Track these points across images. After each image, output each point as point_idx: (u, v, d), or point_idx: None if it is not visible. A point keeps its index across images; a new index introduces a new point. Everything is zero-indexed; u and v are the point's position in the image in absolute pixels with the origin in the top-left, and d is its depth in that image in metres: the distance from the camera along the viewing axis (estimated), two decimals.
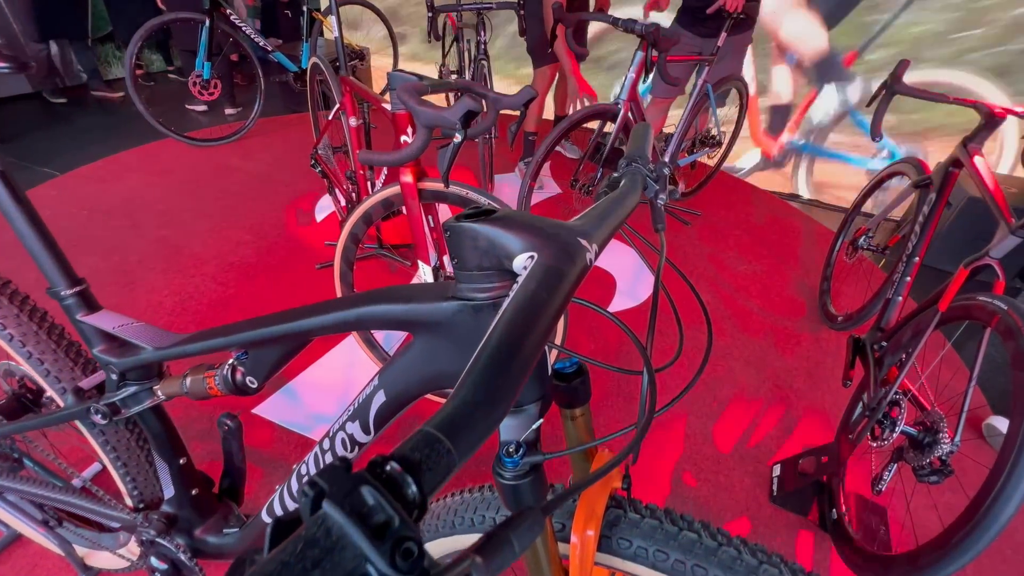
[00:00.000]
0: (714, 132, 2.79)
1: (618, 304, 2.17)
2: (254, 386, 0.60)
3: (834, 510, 1.39)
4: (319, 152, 2.04)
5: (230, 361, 0.62)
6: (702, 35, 2.47)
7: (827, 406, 1.79)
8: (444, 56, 3.49)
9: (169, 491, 0.79)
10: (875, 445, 1.27)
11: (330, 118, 1.84)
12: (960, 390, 1.30)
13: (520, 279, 0.33)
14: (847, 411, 1.55)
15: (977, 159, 1.46)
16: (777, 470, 1.53)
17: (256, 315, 0.56)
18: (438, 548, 0.62)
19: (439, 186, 1.30)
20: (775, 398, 1.80)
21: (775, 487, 1.49)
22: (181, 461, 0.78)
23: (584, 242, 0.38)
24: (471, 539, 0.59)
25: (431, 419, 0.22)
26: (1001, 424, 1.64)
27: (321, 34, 3.90)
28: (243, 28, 3.06)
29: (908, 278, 1.60)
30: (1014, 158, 3.08)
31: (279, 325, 0.53)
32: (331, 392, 1.64)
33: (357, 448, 0.57)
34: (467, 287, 0.42)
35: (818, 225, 3.09)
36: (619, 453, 0.35)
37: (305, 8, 3.28)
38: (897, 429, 1.20)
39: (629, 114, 2.11)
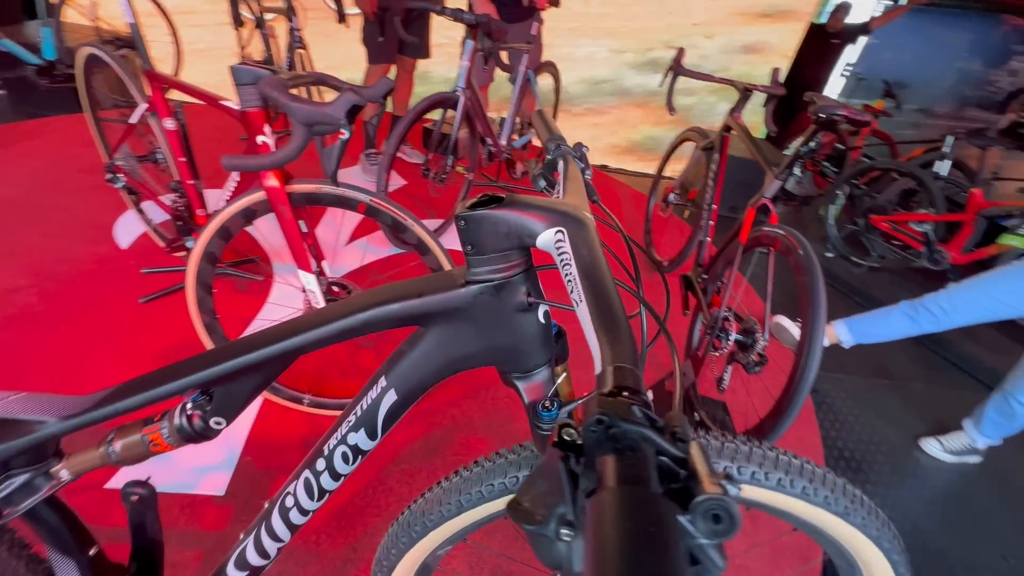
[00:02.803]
0: None
1: None
2: (220, 427, 0.53)
3: (696, 414, 1.74)
4: (118, 163, 1.68)
5: (181, 407, 0.53)
6: (505, 20, 2.67)
7: (675, 333, 2.18)
8: (242, 47, 3.10)
9: None
10: (716, 355, 1.62)
11: (132, 121, 1.53)
12: (754, 300, 1.70)
13: (565, 248, 0.38)
14: (688, 334, 1.92)
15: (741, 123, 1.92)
16: (650, 395, 1.83)
17: (69, 373, 0.49)
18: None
19: (310, 187, 1.22)
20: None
21: (652, 408, 1.79)
22: (91, 552, 0.64)
23: (588, 214, 0.45)
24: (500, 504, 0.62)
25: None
26: (784, 321, 2.20)
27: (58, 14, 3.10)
28: None
29: (711, 222, 2.03)
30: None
31: (261, 349, 0.48)
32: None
33: (360, 457, 0.55)
34: (485, 270, 0.45)
35: (631, 189, 3.63)
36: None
37: None
38: (732, 339, 1.54)
39: (468, 102, 2.19)
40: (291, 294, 1.91)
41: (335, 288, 1.41)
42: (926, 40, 4.42)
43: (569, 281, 0.38)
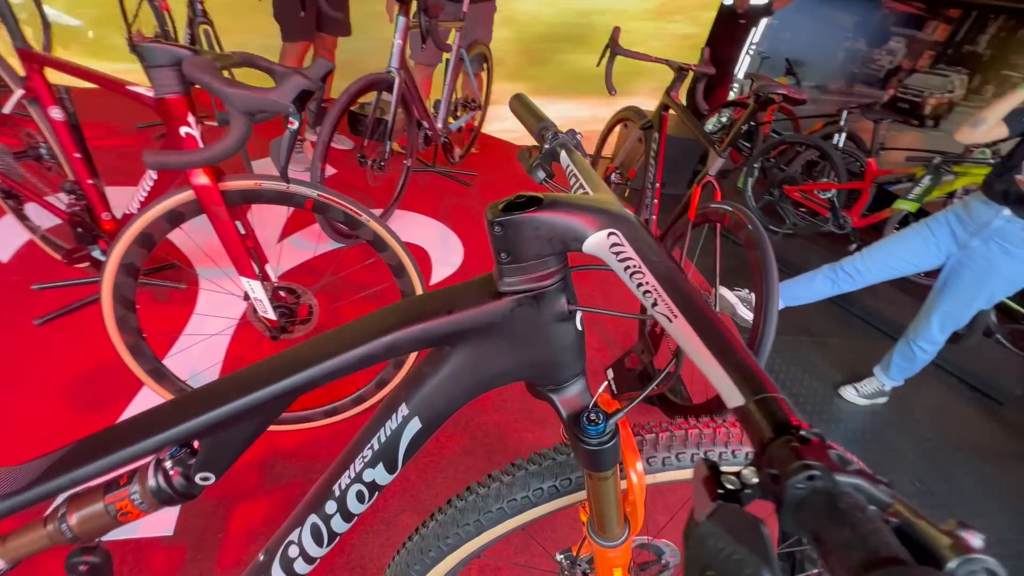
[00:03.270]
0: (473, 96, 2.96)
1: (439, 273, 2.20)
2: (208, 483, 0.45)
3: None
4: None
5: (156, 464, 0.44)
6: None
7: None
8: (128, 21, 2.70)
9: None
10: None
11: (5, 111, 1.27)
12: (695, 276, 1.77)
13: (628, 252, 0.35)
14: (641, 312, 1.97)
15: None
16: (611, 374, 1.87)
17: None
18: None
19: (248, 183, 1.09)
20: (586, 318, 2.15)
21: (614, 387, 1.83)
22: None
23: (629, 208, 0.42)
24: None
25: None
26: (725, 292, 2.32)
27: None
28: None
29: (655, 200, 2.08)
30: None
31: (262, 389, 0.40)
32: None
33: (376, 493, 0.50)
34: (521, 279, 0.41)
35: None
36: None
37: None
38: None
39: (403, 83, 2.07)
40: (222, 301, 1.72)
41: (282, 293, 1.28)
42: (819, 21, 4.80)
43: (647, 292, 0.35)
